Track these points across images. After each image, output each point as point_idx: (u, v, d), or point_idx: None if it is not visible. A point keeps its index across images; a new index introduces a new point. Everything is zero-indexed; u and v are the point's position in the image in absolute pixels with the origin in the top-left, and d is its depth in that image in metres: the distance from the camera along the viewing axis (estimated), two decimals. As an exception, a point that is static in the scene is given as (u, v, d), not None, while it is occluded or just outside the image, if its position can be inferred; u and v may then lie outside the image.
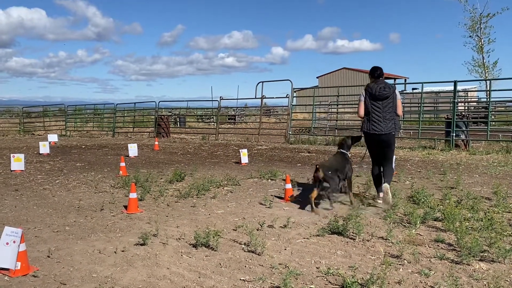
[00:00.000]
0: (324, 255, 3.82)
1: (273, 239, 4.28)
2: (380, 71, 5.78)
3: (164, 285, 3.21)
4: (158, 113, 20.01)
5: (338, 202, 5.72)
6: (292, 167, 9.44)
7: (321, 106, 21.97)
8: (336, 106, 18.59)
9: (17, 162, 8.99)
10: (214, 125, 20.59)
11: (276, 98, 18.93)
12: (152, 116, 20.58)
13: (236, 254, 3.85)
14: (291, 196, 6.10)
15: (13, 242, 3.38)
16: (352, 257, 3.76)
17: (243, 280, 3.28)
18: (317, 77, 54.98)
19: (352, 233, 4.33)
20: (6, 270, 3.39)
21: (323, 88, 31.78)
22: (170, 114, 25.37)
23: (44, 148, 12.41)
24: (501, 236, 4.07)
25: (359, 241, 4.17)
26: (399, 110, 5.75)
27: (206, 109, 27.55)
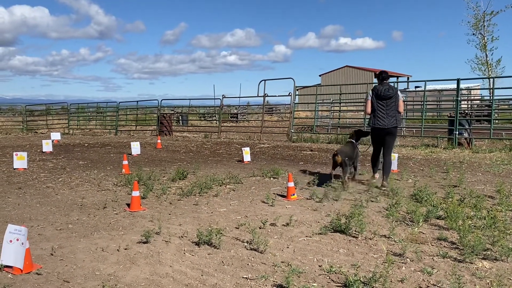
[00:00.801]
0: (327, 253, 3.82)
1: (276, 237, 4.28)
2: (385, 75, 6.88)
3: (167, 283, 3.22)
4: (161, 112, 20.04)
5: (342, 199, 5.74)
6: (295, 166, 9.44)
7: (324, 104, 21.98)
8: (339, 104, 18.57)
9: (20, 160, 9.02)
10: (217, 124, 20.59)
11: (279, 96, 19.00)
12: (155, 115, 20.59)
13: (239, 252, 3.85)
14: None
15: (17, 240, 3.39)
16: (355, 255, 3.76)
17: (246, 278, 3.28)
18: (320, 75, 54.95)
19: (355, 231, 4.33)
20: (10, 268, 3.40)
21: (326, 86, 31.68)
22: (173, 113, 25.41)
23: (47, 146, 12.46)
24: (504, 235, 4.06)
25: (362, 239, 4.17)
26: (400, 108, 6.80)
27: (209, 107, 27.53)
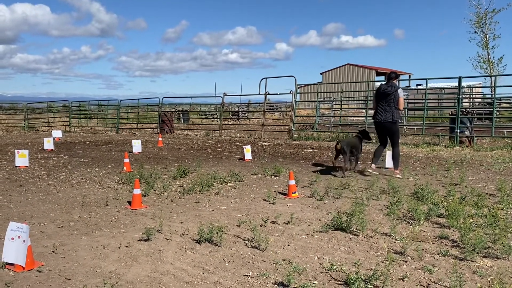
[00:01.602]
0: (328, 251, 3.82)
1: (277, 235, 4.28)
2: (389, 75, 7.76)
3: (168, 281, 3.23)
4: (162, 109, 20.04)
5: (343, 197, 5.73)
6: (296, 164, 9.44)
7: (325, 102, 21.93)
8: (340, 102, 18.53)
9: (22, 158, 9.04)
10: (218, 121, 20.59)
11: (280, 94, 19.04)
12: (156, 112, 20.61)
13: (240, 250, 3.86)
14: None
15: (18, 237, 3.40)
16: (356, 253, 3.76)
17: (247, 276, 3.29)
18: (321, 73, 54.88)
19: (356, 229, 4.33)
20: (12, 265, 3.41)
21: (327, 84, 31.68)
22: (174, 110, 25.40)
23: (49, 144, 12.48)
24: (505, 233, 4.05)
25: (363, 237, 4.17)
26: (400, 105, 7.51)
27: (210, 105, 27.53)
